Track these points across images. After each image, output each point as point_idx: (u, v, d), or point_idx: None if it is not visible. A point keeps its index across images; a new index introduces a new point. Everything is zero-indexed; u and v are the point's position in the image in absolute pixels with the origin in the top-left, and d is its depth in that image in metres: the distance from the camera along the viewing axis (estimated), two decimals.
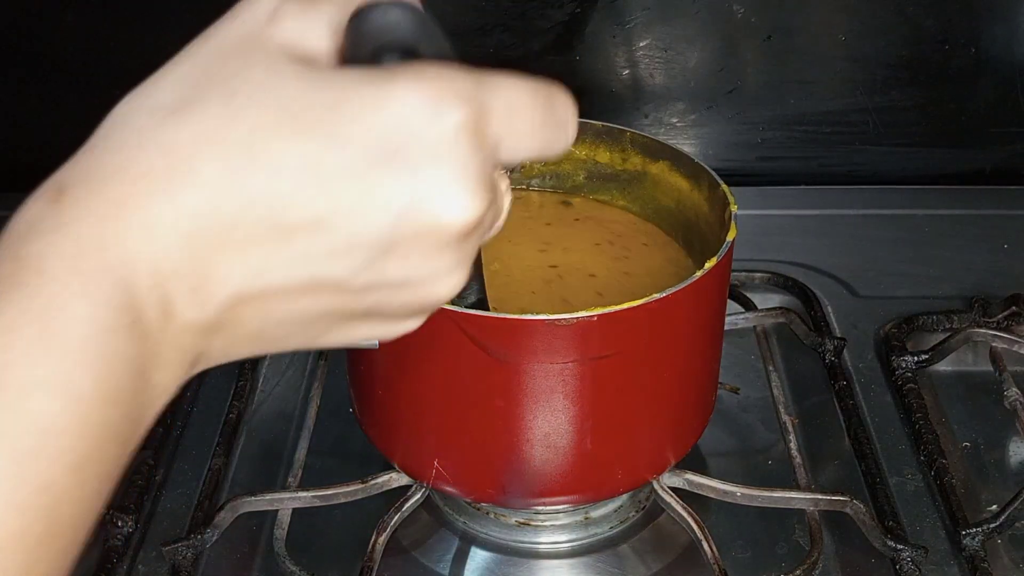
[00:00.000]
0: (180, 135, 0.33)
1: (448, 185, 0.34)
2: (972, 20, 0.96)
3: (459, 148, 0.34)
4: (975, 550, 0.66)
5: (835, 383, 0.78)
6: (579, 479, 0.63)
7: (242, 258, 0.34)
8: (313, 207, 0.34)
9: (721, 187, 0.67)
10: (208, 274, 0.34)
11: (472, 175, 0.35)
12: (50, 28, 0.95)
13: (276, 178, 0.33)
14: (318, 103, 0.34)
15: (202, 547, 0.67)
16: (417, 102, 0.34)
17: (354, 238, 0.34)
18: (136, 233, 0.33)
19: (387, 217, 0.34)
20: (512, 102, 0.37)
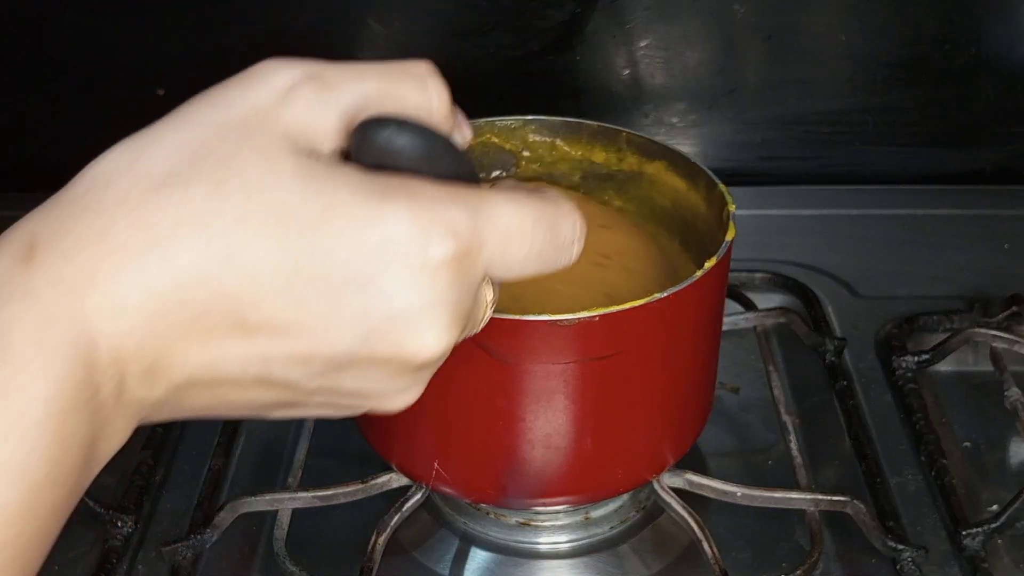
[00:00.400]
0: (163, 214, 0.32)
1: (420, 318, 0.34)
2: (972, 20, 0.96)
3: (439, 283, 0.34)
4: (975, 550, 0.66)
5: (835, 383, 0.78)
6: (579, 479, 0.63)
7: (201, 347, 0.33)
8: (281, 314, 0.33)
9: (719, 187, 0.67)
10: (166, 358, 0.33)
11: (447, 311, 0.34)
12: (50, 28, 0.95)
13: (251, 278, 0.33)
14: (307, 209, 0.33)
15: (202, 547, 0.67)
16: (405, 229, 0.33)
17: (315, 350, 0.34)
18: (104, 311, 0.32)
19: (352, 337, 0.34)
20: (510, 231, 0.36)
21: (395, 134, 0.35)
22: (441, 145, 0.36)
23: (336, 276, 0.33)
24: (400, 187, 0.34)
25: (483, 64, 0.96)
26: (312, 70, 0.36)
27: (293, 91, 0.35)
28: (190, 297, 0.33)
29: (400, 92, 0.36)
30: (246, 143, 0.34)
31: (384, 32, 0.95)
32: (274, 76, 0.36)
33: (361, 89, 0.36)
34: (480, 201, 0.35)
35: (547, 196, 0.38)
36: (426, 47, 0.96)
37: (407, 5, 0.94)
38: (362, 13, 0.94)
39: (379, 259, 0.33)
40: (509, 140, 0.76)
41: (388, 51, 0.96)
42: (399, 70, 0.37)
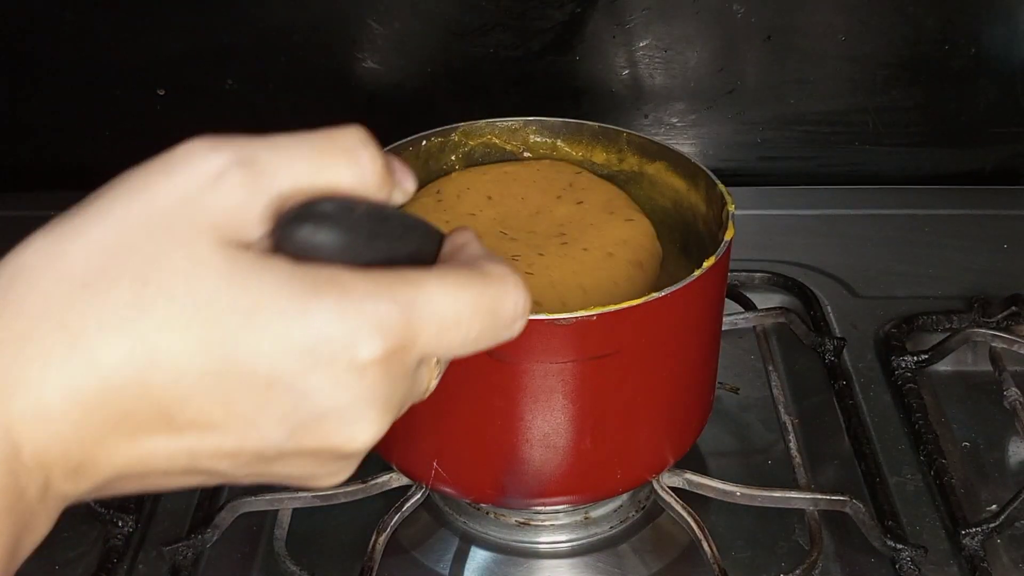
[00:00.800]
0: (87, 316, 0.32)
1: (347, 414, 0.34)
2: (972, 20, 0.96)
3: (367, 380, 0.33)
4: (975, 550, 0.66)
5: (835, 383, 0.78)
6: (578, 479, 0.63)
7: (128, 444, 0.33)
8: (208, 412, 0.33)
9: (718, 187, 0.67)
10: (92, 458, 0.33)
11: (376, 405, 0.34)
12: (50, 28, 0.95)
13: (177, 379, 0.32)
14: (234, 308, 0.32)
15: (202, 547, 0.67)
16: (333, 329, 0.33)
17: (243, 445, 0.34)
18: (27, 418, 0.32)
19: (279, 433, 0.34)
20: (446, 322, 0.35)
21: (313, 232, 0.34)
22: (368, 229, 0.35)
23: (262, 375, 0.33)
24: (329, 282, 0.33)
25: (483, 64, 0.96)
26: (242, 154, 0.34)
27: (222, 179, 0.34)
28: (116, 399, 0.32)
29: (332, 170, 0.35)
30: (171, 239, 0.33)
31: (384, 32, 0.95)
32: (202, 162, 0.34)
33: (292, 172, 0.34)
34: (414, 292, 0.34)
35: (491, 274, 0.37)
36: (426, 47, 0.96)
37: (407, 5, 0.94)
38: (362, 13, 0.94)
39: (306, 359, 0.33)
40: (510, 141, 0.76)
41: (388, 51, 0.96)
42: (330, 145, 0.35)
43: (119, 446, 0.33)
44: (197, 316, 0.32)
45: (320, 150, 0.35)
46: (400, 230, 0.37)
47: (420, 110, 0.98)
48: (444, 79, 0.97)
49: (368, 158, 0.36)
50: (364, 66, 0.96)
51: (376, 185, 0.36)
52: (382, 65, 0.96)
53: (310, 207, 0.34)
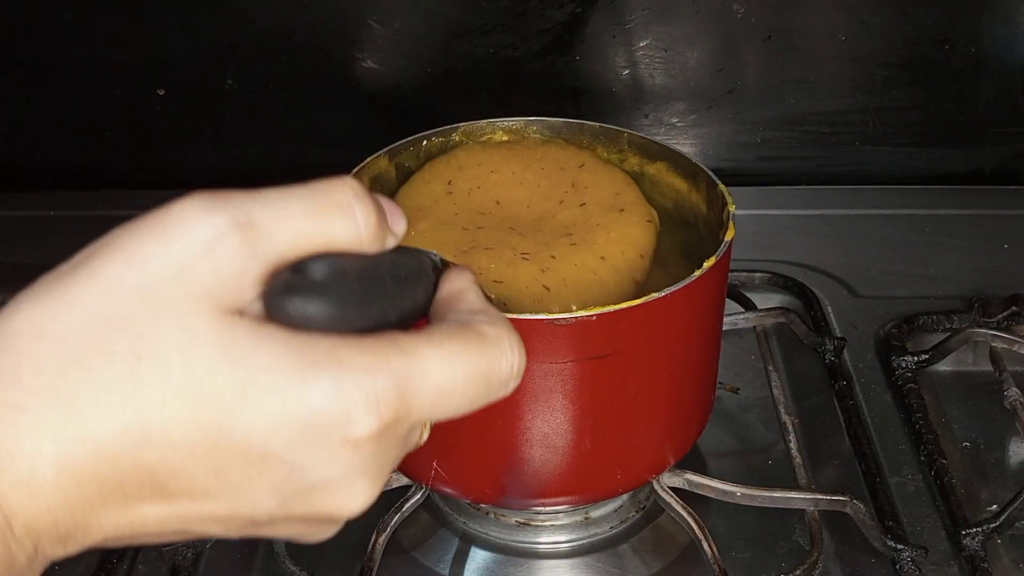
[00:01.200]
0: (80, 389, 0.32)
1: (339, 485, 0.34)
2: (972, 20, 0.96)
3: (360, 454, 0.34)
4: (975, 550, 0.66)
5: (835, 383, 0.78)
6: (578, 479, 0.63)
7: (119, 512, 0.33)
8: (201, 483, 0.33)
9: (719, 187, 0.67)
10: (83, 525, 0.33)
11: (368, 476, 0.34)
12: (50, 28, 0.95)
13: (170, 452, 0.32)
14: (228, 384, 0.32)
15: (202, 547, 0.67)
16: (328, 407, 0.33)
17: (234, 512, 0.34)
18: (20, 490, 0.32)
19: (271, 502, 0.34)
20: (441, 392, 0.35)
21: (305, 304, 0.34)
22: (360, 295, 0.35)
23: (256, 449, 0.33)
24: (325, 356, 0.33)
25: (483, 64, 0.96)
26: (239, 216, 0.33)
27: (217, 245, 0.33)
28: (108, 471, 0.32)
29: (327, 227, 0.35)
30: (164, 311, 0.32)
31: (384, 32, 0.95)
32: (197, 226, 0.33)
33: (289, 233, 0.34)
34: (409, 364, 0.34)
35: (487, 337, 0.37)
36: (426, 47, 0.96)
37: (407, 5, 0.94)
38: (362, 13, 0.94)
39: (300, 434, 0.33)
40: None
41: (388, 51, 0.96)
42: (325, 202, 0.35)
43: (110, 513, 0.33)
44: (191, 391, 0.32)
45: (316, 207, 0.35)
46: (393, 287, 0.37)
47: (420, 110, 0.98)
48: (444, 79, 0.97)
49: (362, 213, 0.35)
50: (364, 66, 0.96)
51: (371, 239, 0.36)
52: (382, 65, 0.96)
53: (301, 276, 0.34)
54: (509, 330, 0.38)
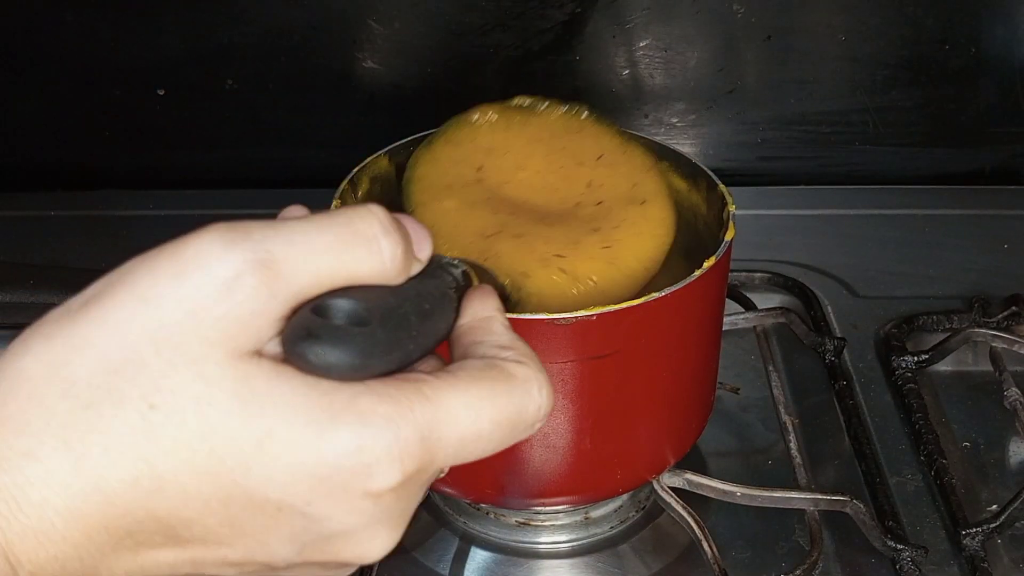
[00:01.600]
0: (91, 437, 0.31)
1: (360, 536, 0.33)
2: (972, 20, 0.96)
3: (382, 505, 0.33)
4: (975, 550, 0.66)
5: (835, 383, 0.78)
6: (578, 479, 0.63)
7: (130, 557, 0.32)
8: (215, 532, 0.32)
9: (719, 187, 0.67)
10: (91, 572, 0.32)
11: (390, 525, 0.34)
12: (50, 28, 0.95)
13: (183, 503, 0.31)
14: (245, 436, 0.31)
15: None
16: (351, 461, 0.31)
17: (250, 558, 0.33)
18: (27, 539, 0.31)
19: (288, 551, 0.33)
20: (466, 440, 0.34)
21: (326, 352, 0.32)
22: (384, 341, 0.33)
23: (273, 501, 0.32)
24: (345, 406, 0.32)
25: (483, 64, 0.96)
26: (259, 253, 0.32)
27: (235, 286, 0.31)
28: (119, 522, 0.31)
29: (351, 263, 0.33)
30: (178, 357, 0.31)
31: (384, 32, 0.95)
32: (214, 265, 0.31)
33: (312, 269, 0.32)
34: (434, 413, 0.33)
35: (515, 378, 0.35)
36: (426, 47, 0.96)
37: (407, 5, 0.94)
38: (362, 13, 0.94)
39: (319, 488, 0.32)
40: None
41: (388, 51, 0.96)
42: (350, 235, 0.33)
43: (120, 560, 0.32)
44: (206, 442, 0.31)
45: (340, 241, 0.33)
46: (418, 324, 0.35)
47: (420, 110, 0.98)
48: (444, 79, 0.97)
49: (389, 247, 0.34)
50: (364, 66, 0.96)
51: (396, 272, 0.34)
52: (382, 65, 0.96)
53: (323, 321, 0.32)
54: (538, 369, 0.36)
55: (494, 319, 0.38)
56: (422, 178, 0.68)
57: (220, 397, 0.31)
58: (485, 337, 0.37)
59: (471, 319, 0.38)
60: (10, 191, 1.01)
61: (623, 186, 0.69)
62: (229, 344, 0.31)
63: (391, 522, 0.34)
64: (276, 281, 0.32)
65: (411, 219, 0.37)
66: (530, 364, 0.36)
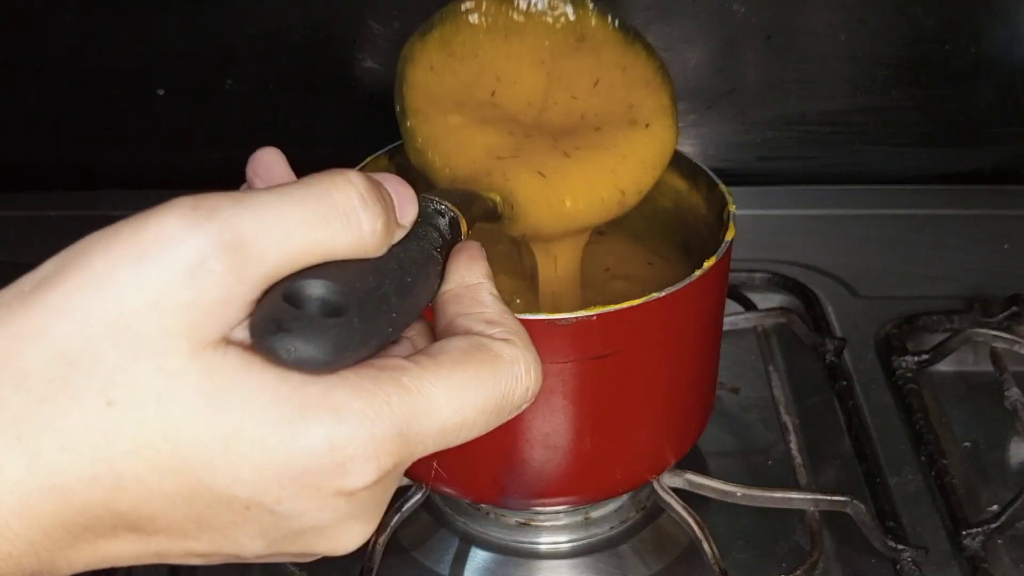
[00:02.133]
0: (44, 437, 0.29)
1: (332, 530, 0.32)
2: (972, 20, 0.96)
3: (355, 502, 0.31)
4: (975, 550, 0.66)
5: (835, 383, 0.78)
6: (578, 479, 0.63)
7: (90, 549, 0.31)
8: (180, 526, 0.30)
9: (719, 187, 0.67)
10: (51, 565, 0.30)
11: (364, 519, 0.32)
12: (50, 28, 0.95)
13: (145, 501, 0.30)
14: (210, 435, 0.29)
15: None
16: (323, 460, 0.30)
17: (218, 550, 0.32)
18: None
19: (258, 545, 0.32)
20: (448, 428, 0.32)
21: (298, 346, 0.29)
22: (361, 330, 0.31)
23: (241, 500, 0.30)
24: (317, 401, 0.30)
25: None
26: (225, 233, 0.29)
27: (200, 271, 0.29)
28: (77, 518, 0.29)
29: (328, 241, 0.31)
30: (138, 348, 0.29)
31: (384, 32, 0.95)
32: (178, 249, 0.29)
33: (283, 250, 0.30)
34: (414, 404, 0.31)
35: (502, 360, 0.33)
36: None
37: (407, 5, 0.94)
38: (362, 13, 0.94)
39: (289, 487, 0.30)
40: None
41: (388, 51, 0.96)
42: (326, 209, 0.31)
43: (79, 552, 0.30)
44: (169, 440, 0.29)
45: (316, 216, 0.31)
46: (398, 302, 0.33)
47: None
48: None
49: (368, 221, 0.32)
50: (364, 66, 0.96)
51: (375, 247, 0.32)
52: (382, 65, 0.96)
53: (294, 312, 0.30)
54: (526, 347, 0.34)
55: (481, 287, 0.36)
56: (421, 86, 0.65)
57: (183, 392, 0.29)
58: (471, 309, 0.35)
59: (457, 286, 0.36)
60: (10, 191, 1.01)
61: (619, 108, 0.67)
62: (194, 334, 0.29)
63: (365, 516, 0.32)
64: (245, 264, 0.30)
65: (395, 179, 0.34)
66: (518, 342, 0.34)
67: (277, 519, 0.31)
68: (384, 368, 0.31)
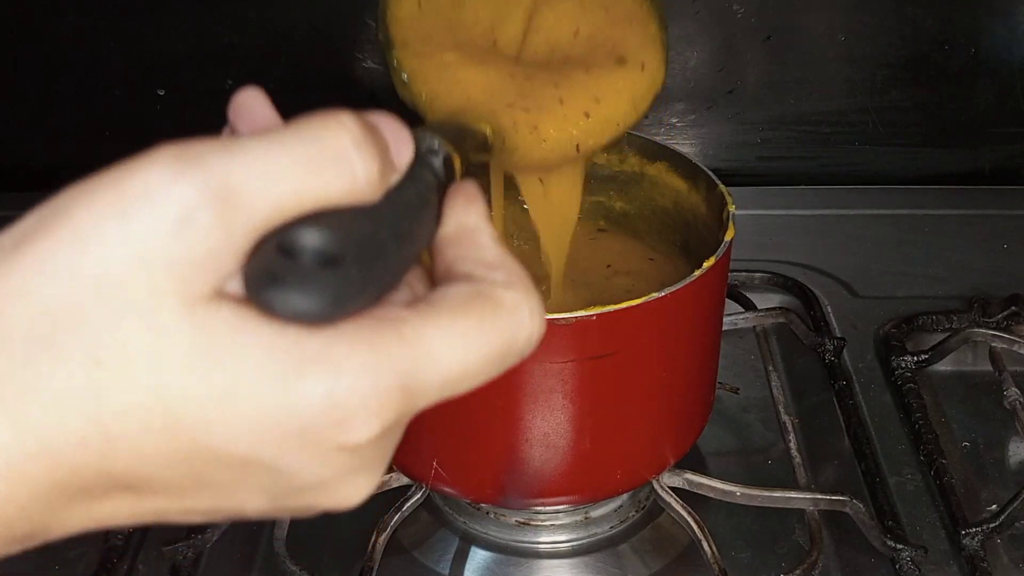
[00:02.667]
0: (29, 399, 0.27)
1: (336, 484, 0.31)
2: (972, 20, 0.96)
3: (358, 456, 0.30)
4: (975, 550, 0.66)
5: (835, 383, 0.78)
6: (578, 479, 0.63)
7: (84, 511, 0.30)
8: (178, 485, 0.29)
9: (719, 187, 0.67)
10: (43, 526, 0.29)
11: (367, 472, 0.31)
12: (50, 28, 0.95)
13: (139, 463, 0.29)
14: (204, 393, 0.28)
15: (202, 547, 0.67)
16: (323, 416, 0.29)
17: (219, 508, 0.31)
18: None
19: (259, 502, 0.31)
20: (451, 378, 0.31)
21: (294, 298, 0.28)
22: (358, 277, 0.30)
23: (239, 457, 0.29)
24: (315, 355, 0.28)
25: None
26: (213, 182, 0.28)
27: (188, 223, 0.28)
28: (68, 480, 0.28)
29: (322, 187, 0.30)
30: (126, 306, 0.28)
31: None
32: (165, 201, 0.28)
33: (275, 197, 0.29)
34: (415, 355, 0.30)
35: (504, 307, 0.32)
36: None
37: None
38: (362, 13, 0.94)
39: (289, 443, 0.29)
40: None
41: None
42: (319, 153, 0.30)
43: (73, 514, 0.30)
44: (161, 400, 0.28)
45: (308, 162, 0.30)
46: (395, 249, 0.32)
47: None
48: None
49: (363, 166, 0.30)
50: (364, 66, 0.96)
51: (371, 192, 0.31)
52: (382, 65, 0.96)
53: (288, 261, 0.29)
54: (528, 291, 0.33)
55: (480, 230, 0.35)
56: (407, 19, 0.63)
57: (174, 351, 0.28)
58: (470, 252, 0.34)
59: (455, 228, 0.35)
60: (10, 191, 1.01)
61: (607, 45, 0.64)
62: (184, 290, 0.28)
63: (368, 470, 0.31)
64: (234, 214, 0.28)
65: (391, 120, 0.33)
66: (519, 287, 0.33)
67: (278, 476, 0.30)
68: (383, 319, 0.30)
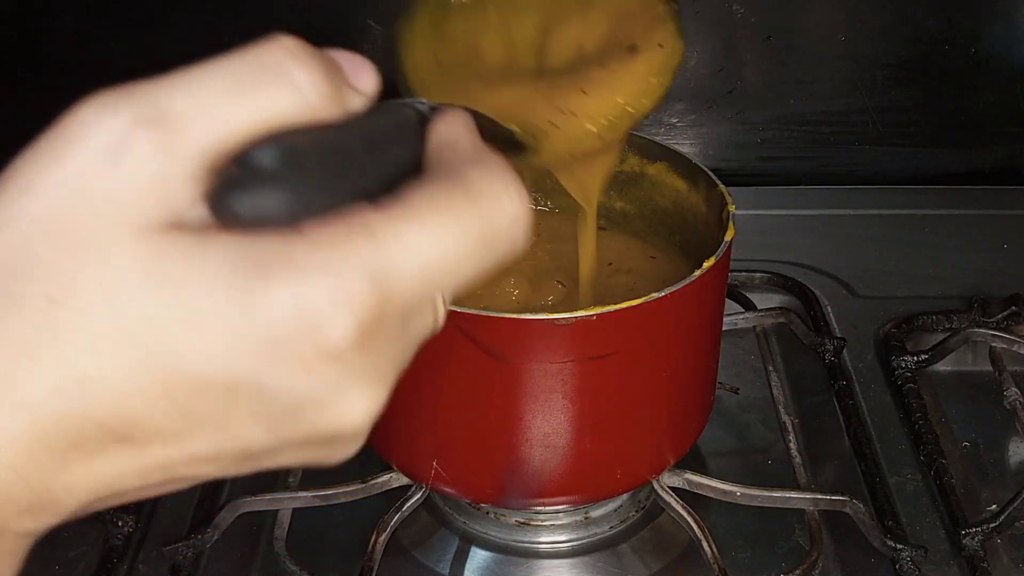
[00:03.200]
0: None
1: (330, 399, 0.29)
2: (972, 20, 0.96)
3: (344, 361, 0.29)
4: (975, 550, 0.66)
5: (835, 383, 0.78)
6: (578, 479, 0.63)
7: (85, 471, 0.29)
8: (168, 426, 0.28)
9: (719, 187, 0.67)
10: (47, 492, 0.29)
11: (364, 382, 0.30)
12: (50, 28, 0.95)
13: (118, 403, 0.28)
14: (167, 318, 0.27)
15: (202, 547, 0.67)
16: (290, 317, 0.27)
17: (221, 448, 0.30)
18: None
19: (257, 431, 0.29)
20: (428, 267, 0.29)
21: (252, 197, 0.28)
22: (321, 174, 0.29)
23: (219, 380, 0.28)
24: (275, 259, 0.28)
25: None
26: (142, 110, 0.28)
27: (124, 151, 0.27)
28: (54, 434, 0.28)
29: (264, 102, 0.29)
30: (74, 243, 0.27)
31: (384, 32, 0.95)
32: (93, 132, 0.27)
33: (215, 116, 0.28)
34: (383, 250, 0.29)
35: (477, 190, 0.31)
36: None
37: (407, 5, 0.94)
38: (362, 13, 0.94)
39: (265, 354, 0.28)
40: None
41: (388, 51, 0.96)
42: (253, 69, 0.29)
43: (73, 474, 0.29)
44: (124, 333, 0.27)
45: (242, 78, 0.29)
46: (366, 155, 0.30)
47: None
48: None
49: (305, 76, 0.29)
50: None
51: (324, 104, 0.30)
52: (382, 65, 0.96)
53: (245, 167, 0.28)
54: (501, 174, 0.31)
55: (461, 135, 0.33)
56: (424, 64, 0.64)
57: (129, 280, 0.27)
58: (448, 155, 0.33)
59: (436, 144, 0.33)
60: None
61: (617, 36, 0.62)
62: (132, 219, 0.27)
63: (365, 380, 0.30)
64: (173, 136, 0.28)
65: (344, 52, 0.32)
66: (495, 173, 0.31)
67: (265, 397, 0.29)
68: (352, 219, 0.29)
